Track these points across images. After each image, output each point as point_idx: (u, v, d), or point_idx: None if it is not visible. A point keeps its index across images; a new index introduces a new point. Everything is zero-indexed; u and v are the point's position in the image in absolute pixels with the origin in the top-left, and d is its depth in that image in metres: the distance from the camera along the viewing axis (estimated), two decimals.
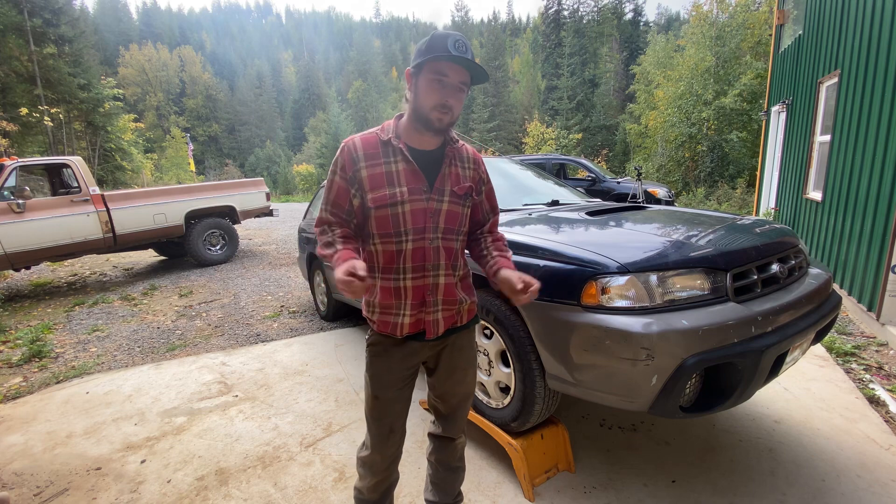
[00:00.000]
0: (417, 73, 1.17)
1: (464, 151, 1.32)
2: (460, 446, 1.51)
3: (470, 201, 1.32)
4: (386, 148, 1.21)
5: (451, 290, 1.29)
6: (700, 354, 1.40)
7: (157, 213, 6.14)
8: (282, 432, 2.32)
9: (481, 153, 1.89)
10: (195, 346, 3.66)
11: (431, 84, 1.14)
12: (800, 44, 6.19)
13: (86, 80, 20.95)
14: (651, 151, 19.26)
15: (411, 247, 1.22)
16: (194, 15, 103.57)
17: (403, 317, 1.25)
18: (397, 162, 1.20)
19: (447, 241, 1.26)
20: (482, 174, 1.37)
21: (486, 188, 1.40)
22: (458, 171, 1.28)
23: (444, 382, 1.39)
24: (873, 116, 3.63)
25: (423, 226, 1.22)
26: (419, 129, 1.21)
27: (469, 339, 1.40)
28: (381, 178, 1.19)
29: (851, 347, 3.10)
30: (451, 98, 1.15)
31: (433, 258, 1.24)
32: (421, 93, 1.16)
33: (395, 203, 1.19)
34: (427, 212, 1.22)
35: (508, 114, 44.14)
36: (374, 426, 1.35)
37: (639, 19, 45.40)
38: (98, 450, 2.25)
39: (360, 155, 1.20)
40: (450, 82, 1.14)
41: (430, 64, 1.13)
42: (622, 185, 8.91)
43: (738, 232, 1.90)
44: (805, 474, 1.87)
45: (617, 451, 2.07)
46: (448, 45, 1.11)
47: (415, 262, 1.23)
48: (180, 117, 50.70)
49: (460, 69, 1.14)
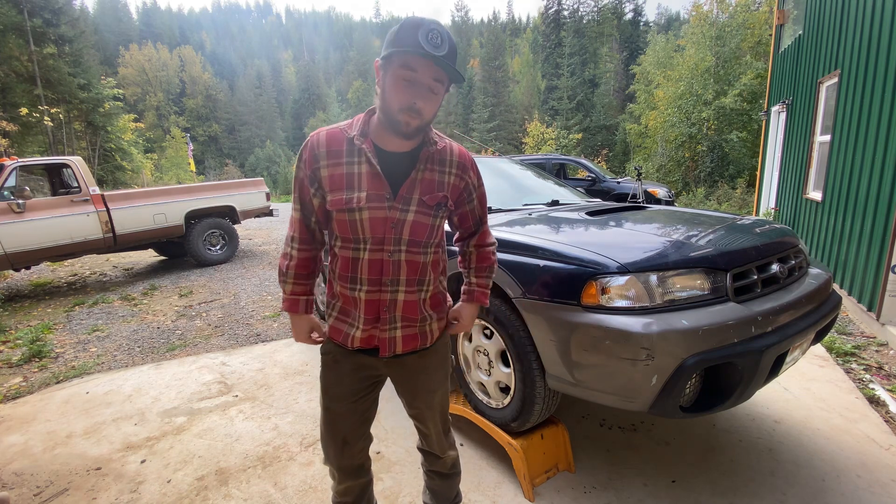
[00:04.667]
0: (385, 67, 1.02)
1: (446, 153, 1.15)
2: (450, 460, 1.43)
3: (444, 212, 1.17)
4: (350, 146, 1.09)
5: (413, 308, 1.17)
6: (700, 354, 1.40)
7: (157, 213, 6.13)
8: (282, 432, 2.32)
9: (481, 153, 1.87)
10: (195, 346, 3.66)
11: (399, 82, 1.00)
12: (800, 44, 6.19)
13: (86, 80, 20.96)
14: (651, 151, 19.26)
15: (367, 257, 1.11)
16: (194, 15, 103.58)
17: (356, 329, 1.15)
18: (360, 163, 1.08)
19: (412, 254, 1.13)
20: (469, 179, 1.20)
21: (478, 193, 1.25)
22: (432, 177, 1.13)
23: (411, 404, 1.31)
24: (873, 116, 3.63)
25: (381, 236, 1.09)
26: (388, 129, 1.07)
27: (438, 361, 1.29)
28: (340, 179, 1.07)
29: (851, 347, 3.10)
30: (420, 100, 1.01)
31: (392, 272, 1.12)
32: (388, 90, 1.02)
33: (353, 209, 1.07)
34: (388, 221, 1.09)
35: (508, 114, 44.13)
36: (327, 436, 1.26)
37: (639, 19, 45.43)
38: (98, 450, 2.25)
39: (323, 152, 1.08)
40: (419, 80, 0.99)
41: (398, 58, 0.99)
42: (622, 185, 8.91)
43: (738, 232, 1.90)
44: (805, 474, 1.87)
45: (617, 451, 2.07)
46: (419, 37, 0.95)
47: (371, 275, 1.12)
48: (180, 117, 50.68)
49: (433, 65, 0.98)
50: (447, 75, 1.02)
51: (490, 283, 1.36)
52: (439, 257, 1.23)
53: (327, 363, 1.24)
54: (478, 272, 1.33)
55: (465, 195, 1.22)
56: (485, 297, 1.34)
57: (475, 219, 1.28)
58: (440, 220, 1.17)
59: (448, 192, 1.16)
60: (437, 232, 1.17)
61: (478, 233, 1.30)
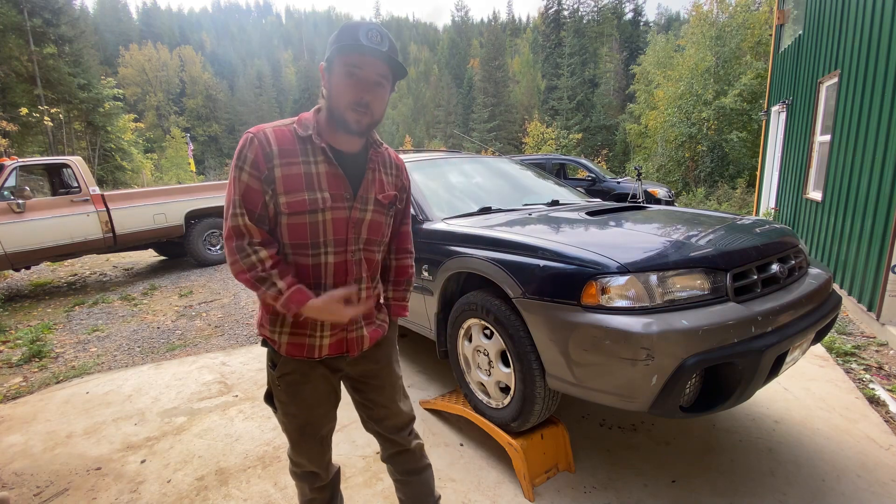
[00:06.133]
0: (330, 68, 1.04)
1: (387, 156, 1.21)
2: (418, 449, 1.39)
3: (394, 210, 1.22)
4: (304, 145, 1.06)
5: (371, 304, 1.20)
6: (700, 354, 1.40)
7: (157, 213, 6.13)
8: (282, 432, 2.32)
9: (481, 153, 1.89)
10: (195, 346, 3.66)
11: (344, 80, 1.01)
12: (800, 44, 6.19)
13: (86, 80, 20.99)
14: (651, 151, 19.27)
15: (332, 260, 1.09)
16: (194, 15, 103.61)
17: (322, 338, 1.13)
18: (318, 163, 1.06)
19: (368, 252, 1.16)
20: (404, 181, 1.26)
21: (407, 195, 1.29)
22: (382, 178, 1.17)
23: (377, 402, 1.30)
24: (873, 116, 3.63)
25: (344, 237, 1.09)
26: (337, 128, 1.07)
27: (392, 350, 1.33)
28: (298, 179, 1.03)
29: (851, 347, 3.10)
30: (367, 94, 1.02)
31: (356, 272, 1.13)
32: (335, 89, 1.03)
33: (315, 210, 1.04)
34: (350, 222, 1.09)
35: (508, 114, 44.13)
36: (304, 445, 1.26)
37: (639, 19, 45.46)
38: (98, 450, 2.25)
39: (275, 151, 1.02)
40: (365, 76, 1.01)
41: (341, 57, 1.01)
42: (622, 185, 8.91)
43: (738, 232, 1.90)
44: (805, 474, 1.87)
45: (617, 451, 2.07)
46: (359, 35, 0.99)
47: (337, 279, 1.10)
48: (180, 117, 50.65)
49: (376, 61, 1.01)
50: (391, 70, 1.05)
51: (408, 297, 1.36)
52: (384, 255, 1.27)
53: (293, 383, 1.17)
54: (395, 285, 1.34)
55: (402, 195, 1.27)
56: (403, 309, 1.35)
57: (401, 218, 1.31)
58: (391, 217, 1.22)
59: (395, 191, 1.21)
60: (388, 230, 1.22)
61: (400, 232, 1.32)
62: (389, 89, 1.08)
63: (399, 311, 1.34)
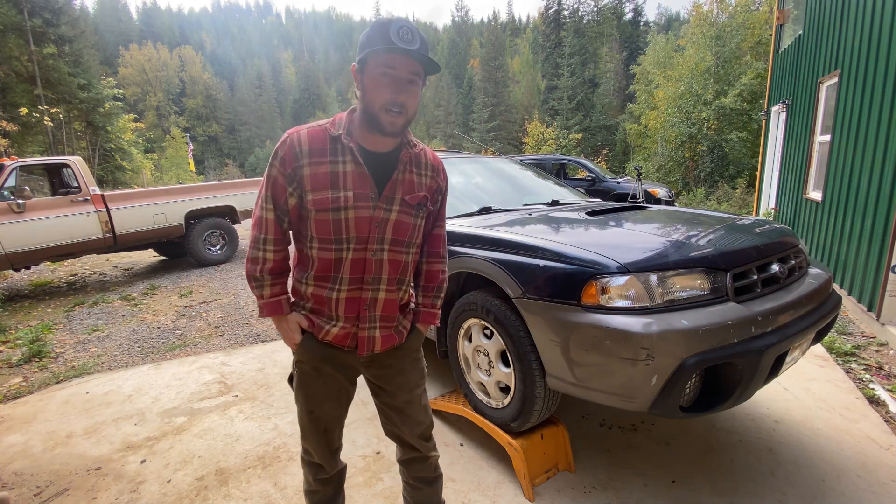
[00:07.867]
0: (362, 70, 1.04)
1: (422, 157, 1.20)
2: (434, 460, 1.40)
3: (424, 212, 1.20)
4: (335, 145, 1.09)
5: (392, 307, 1.20)
6: (700, 354, 1.40)
7: (157, 213, 6.13)
8: (282, 432, 2.32)
9: (481, 153, 1.88)
10: (195, 346, 3.66)
11: (378, 80, 1.02)
12: (800, 44, 6.19)
13: (86, 80, 20.98)
14: (651, 151, 19.27)
15: (351, 256, 1.12)
16: (194, 15, 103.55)
17: (333, 326, 1.16)
18: (346, 162, 1.09)
19: (395, 253, 1.16)
20: (441, 182, 1.25)
21: (442, 198, 1.28)
22: (412, 178, 1.16)
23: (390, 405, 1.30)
24: (873, 116, 3.63)
25: (366, 235, 1.11)
26: (370, 129, 1.09)
27: (413, 359, 1.30)
28: (324, 178, 1.07)
29: (851, 347, 3.10)
30: (402, 94, 1.03)
31: (374, 271, 1.14)
32: (368, 90, 1.04)
33: (339, 208, 1.08)
34: (372, 221, 1.11)
35: (508, 114, 44.13)
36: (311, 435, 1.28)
37: (639, 19, 45.45)
38: (98, 450, 2.25)
39: (305, 150, 1.07)
40: (399, 76, 1.02)
41: (374, 58, 1.02)
42: (622, 185, 8.92)
43: (738, 232, 1.90)
44: (805, 474, 1.87)
45: (617, 451, 2.07)
46: (391, 34, 0.99)
47: (353, 274, 1.13)
48: (180, 117, 50.66)
49: (409, 60, 1.02)
50: (423, 67, 1.06)
51: (439, 304, 1.34)
52: (416, 258, 1.26)
53: (307, 373, 1.22)
54: (425, 291, 1.32)
55: (437, 196, 1.26)
56: (433, 317, 1.32)
57: (435, 219, 1.30)
58: (421, 219, 1.20)
59: (426, 192, 1.20)
60: (418, 232, 1.21)
61: (433, 234, 1.30)
62: (422, 86, 1.09)
63: (428, 319, 1.31)
